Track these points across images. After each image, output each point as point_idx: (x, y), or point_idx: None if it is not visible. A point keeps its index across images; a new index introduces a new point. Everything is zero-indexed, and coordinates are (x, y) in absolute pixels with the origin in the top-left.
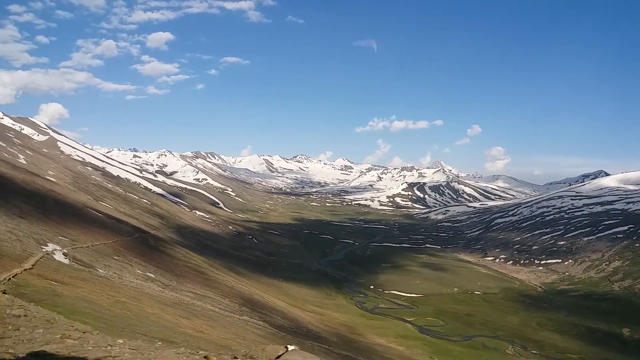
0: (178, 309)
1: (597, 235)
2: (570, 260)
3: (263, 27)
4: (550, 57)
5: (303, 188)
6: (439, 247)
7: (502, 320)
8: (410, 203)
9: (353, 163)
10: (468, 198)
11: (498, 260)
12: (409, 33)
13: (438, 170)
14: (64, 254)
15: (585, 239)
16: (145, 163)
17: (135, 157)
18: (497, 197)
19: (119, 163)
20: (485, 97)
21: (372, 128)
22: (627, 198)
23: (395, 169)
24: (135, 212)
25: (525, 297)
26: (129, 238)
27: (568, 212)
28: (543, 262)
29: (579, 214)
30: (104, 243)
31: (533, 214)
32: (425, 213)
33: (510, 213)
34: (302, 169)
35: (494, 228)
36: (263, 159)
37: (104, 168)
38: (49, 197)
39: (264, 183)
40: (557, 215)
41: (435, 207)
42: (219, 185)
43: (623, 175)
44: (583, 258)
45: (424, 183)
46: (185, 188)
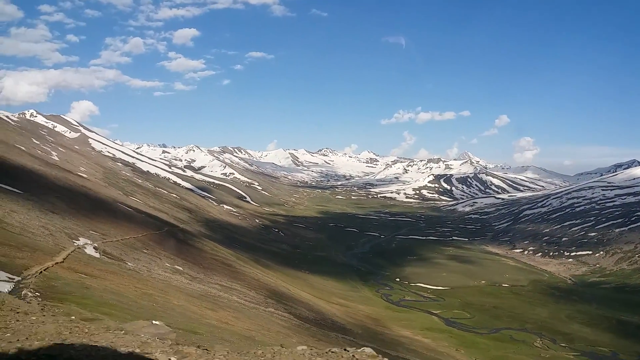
0: (204, 301)
1: (629, 227)
2: (602, 252)
3: (287, 21)
4: (578, 45)
5: (328, 181)
6: (466, 239)
7: (530, 313)
8: (437, 195)
9: (378, 156)
10: (496, 189)
11: (526, 253)
12: (434, 25)
13: (465, 162)
14: (95, 248)
15: (617, 230)
16: (174, 158)
17: (164, 152)
18: (525, 188)
19: (148, 158)
20: (513, 87)
21: (397, 120)
22: None
23: (422, 161)
24: (165, 206)
25: (555, 289)
26: (158, 232)
27: (599, 202)
28: (573, 254)
29: (611, 205)
30: (134, 237)
31: (563, 205)
32: (452, 205)
33: (539, 204)
34: (327, 163)
35: (523, 220)
36: (289, 153)
37: (134, 164)
38: (81, 192)
39: (290, 177)
40: (587, 206)
41: (463, 199)
42: (246, 180)
43: None
44: (615, 250)
45: (451, 175)
46: (213, 182)
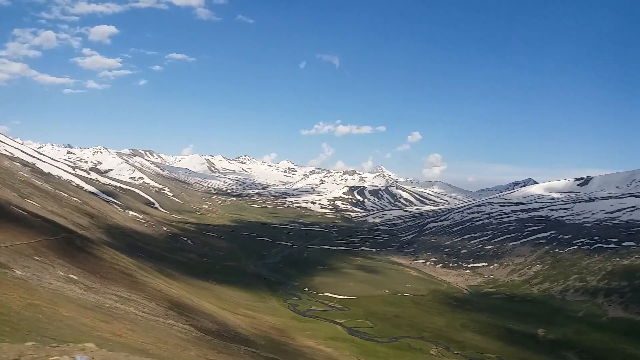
0: (98, 312)
1: (521, 241)
2: (496, 264)
3: (212, 25)
4: (485, 67)
5: (245, 189)
6: (374, 249)
7: (428, 322)
8: (350, 206)
9: (297, 165)
10: (405, 202)
11: (428, 263)
12: (361, 39)
13: (378, 175)
14: None
15: (511, 244)
16: (80, 160)
17: (69, 153)
18: (432, 202)
19: (51, 159)
20: (426, 104)
21: (317, 131)
22: (550, 205)
23: (338, 173)
24: (64, 210)
25: (452, 299)
26: (54, 237)
27: (497, 217)
28: (470, 265)
29: (507, 220)
30: (26, 242)
31: (464, 219)
32: (364, 216)
33: (443, 218)
34: (244, 170)
35: (427, 232)
36: (204, 159)
37: (34, 164)
38: None
39: (204, 183)
40: (486, 221)
41: (374, 210)
42: (156, 185)
43: (548, 184)
44: (507, 262)
45: (364, 187)
46: (120, 187)
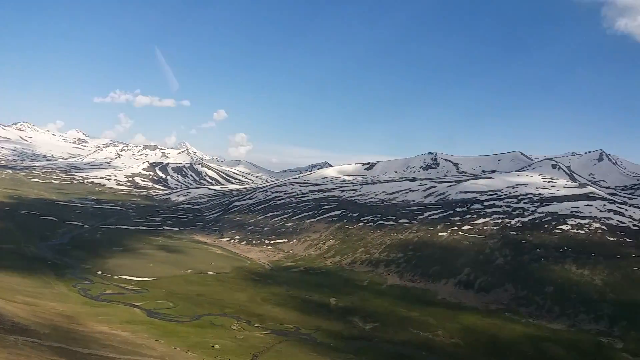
0: None
1: (317, 218)
2: (295, 240)
3: None
4: (288, 53)
5: (23, 161)
6: (177, 229)
7: (230, 298)
8: (151, 184)
9: (89, 137)
10: (210, 181)
11: (233, 241)
12: (164, 8)
13: (182, 152)
14: None
15: (308, 221)
16: None
17: None
18: (237, 181)
19: None
20: (233, 83)
21: (113, 100)
22: (342, 187)
23: (137, 147)
24: None
25: (254, 274)
26: None
27: (296, 197)
28: (272, 241)
29: (305, 199)
30: None
31: (267, 198)
32: (166, 194)
33: (248, 197)
34: (23, 139)
35: (232, 210)
36: None
37: None
38: None
39: None
40: (287, 200)
41: (177, 188)
42: None
43: (341, 167)
44: (305, 238)
45: (167, 164)
46: None
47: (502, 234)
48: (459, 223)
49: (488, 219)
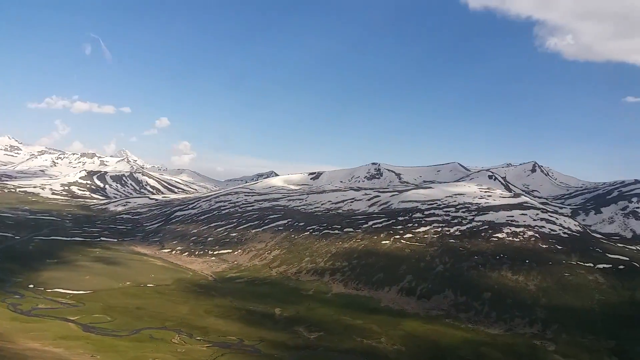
0: None
1: (263, 228)
2: (240, 250)
3: None
4: (238, 60)
5: None
6: (116, 240)
7: (171, 311)
8: (89, 193)
9: (22, 143)
10: (152, 190)
11: (174, 252)
12: (108, 14)
13: (122, 160)
14: None
15: (254, 231)
16: None
17: None
18: (180, 190)
19: None
20: (175, 89)
21: (49, 106)
22: (288, 196)
23: (74, 155)
24: None
25: (197, 286)
26: None
27: (242, 206)
28: (216, 252)
29: (250, 209)
30: None
31: (211, 208)
32: (105, 204)
33: (191, 206)
34: None
35: (174, 220)
36: None
37: None
38: None
39: None
40: (232, 209)
41: (116, 198)
42: None
43: (287, 177)
44: (250, 248)
45: (106, 172)
46: None
47: (442, 242)
48: (402, 231)
49: (429, 228)
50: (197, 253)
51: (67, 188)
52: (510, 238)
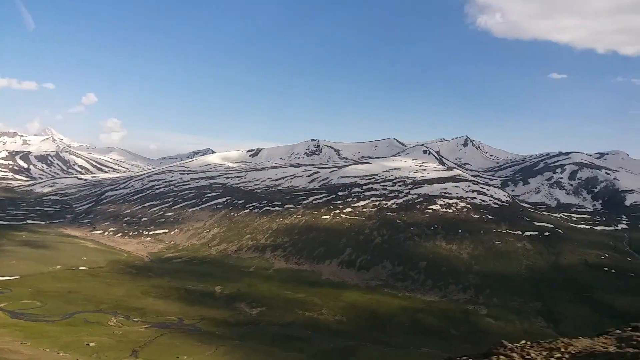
0: None
1: (200, 206)
2: (177, 230)
3: None
4: (170, 34)
5: None
6: (43, 222)
7: (106, 293)
8: (12, 174)
9: None
10: (80, 170)
11: (107, 234)
12: None
13: (47, 139)
14: None
15: (191, 210)
16: None
17: None
18: (110, 169)
19: None
20: (103, 64)
21: None
22: (227, 174)
23: None
24: None
25: (132, 267)
26: None
27: (177, 185)
28: (151, 232)
29: (187, 187)
30: None
31: (144, 187)
32: (30, 186)
33: (122, 186)
34: None
35: (105, 201)
36: None
37: None
38: None
39: None
40: (167, 188)
41: (42, 179)
42: None
43: (225, 154)
44: (188, 227)
45: (30, 152)
46: None
47: (380, 215)
48: (341, 206)
49: (367, 202)
50: (131, 234)
51: None
52: (444, 209)
